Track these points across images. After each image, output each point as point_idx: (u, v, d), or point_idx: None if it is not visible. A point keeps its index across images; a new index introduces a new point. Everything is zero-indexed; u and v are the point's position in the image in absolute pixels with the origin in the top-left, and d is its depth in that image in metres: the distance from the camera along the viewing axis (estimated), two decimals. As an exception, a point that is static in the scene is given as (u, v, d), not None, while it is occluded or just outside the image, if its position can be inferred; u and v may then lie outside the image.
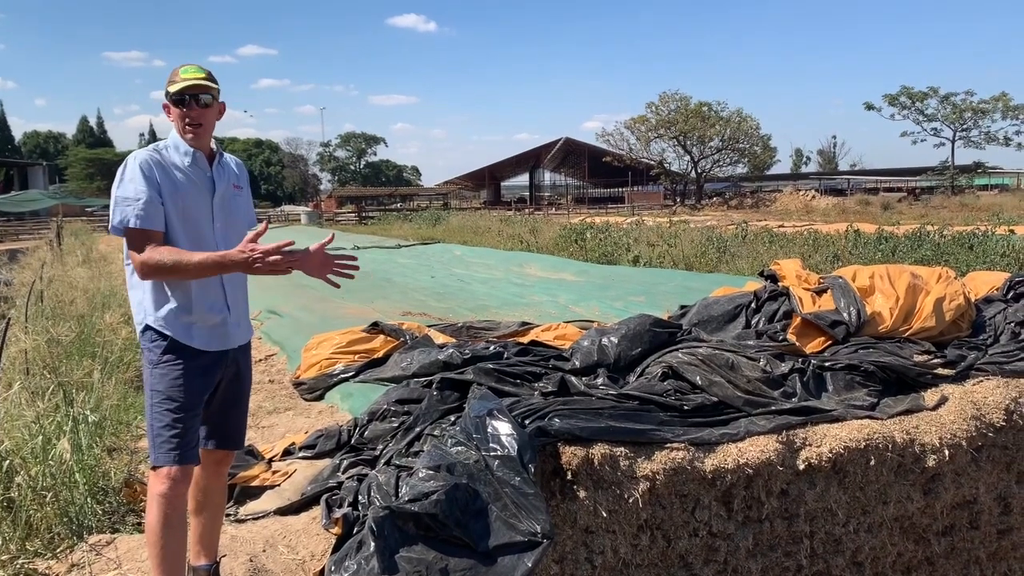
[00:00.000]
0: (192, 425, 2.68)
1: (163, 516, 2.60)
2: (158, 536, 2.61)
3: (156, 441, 2.63)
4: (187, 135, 2.72)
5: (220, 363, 2.79)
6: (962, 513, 4.08)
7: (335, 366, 5.46)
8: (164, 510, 2.60)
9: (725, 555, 3.50)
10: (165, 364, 2.66)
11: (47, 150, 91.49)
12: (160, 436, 2.62)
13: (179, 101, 2.69)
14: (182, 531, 2.68)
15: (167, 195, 2.64)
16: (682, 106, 63.94)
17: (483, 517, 2.86)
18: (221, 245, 2.74)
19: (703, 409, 3.65)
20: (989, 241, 14.10)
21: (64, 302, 8.64)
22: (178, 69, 2.71)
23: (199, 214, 2.73)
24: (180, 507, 2.65)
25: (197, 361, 2.70)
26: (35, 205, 47.51)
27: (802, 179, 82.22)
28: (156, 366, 2.67)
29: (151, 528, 2.62)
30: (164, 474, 2.61)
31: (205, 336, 2.72)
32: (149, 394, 2.68)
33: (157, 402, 2.65)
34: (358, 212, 49.61)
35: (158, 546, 2.61)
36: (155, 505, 2.61)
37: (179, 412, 2.64)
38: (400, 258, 17.44)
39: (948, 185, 58.87)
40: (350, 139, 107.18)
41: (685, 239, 17.36)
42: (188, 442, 2.66)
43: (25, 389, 4.58)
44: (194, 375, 2.68)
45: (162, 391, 2.65)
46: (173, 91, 2.68)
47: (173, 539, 2.63)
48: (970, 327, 4.79)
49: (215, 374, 2.78)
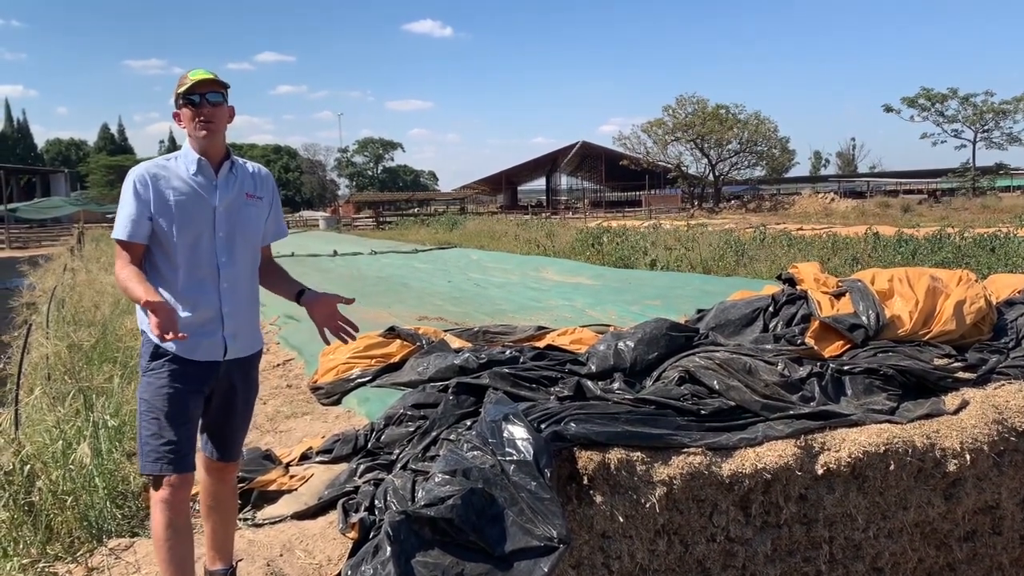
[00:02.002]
0: (183, 434, 2.64)
1: (166, 521, 2.61)
2: (163, 540, 2.62)
3: (144, 449, 2.63)
4: (199, 133, 2.70)
5: (210, 374, 2.73)
6: (984, 518, 4.02)
7: (352, 371, 5.48)
8: (167, 515, 2.61)
9: (743, 560, 3.48)
10: (151, 372, 2.66)
11: (69, 157, 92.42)
12: (147, 444, 2.61)
13: (190, 101, 2.69)
14: (187, 535, 2.68)
15: (158, 210, 2.66)
16: (699, 109, 63.68)
17: (499, 522, 2.85)
18: (222, 255, 2.73)
19: (720, 413, 3.63)
20: (1011, 243, 13.92)
21: (86, 308, 8.73)
22: (186, 74, 2.73)
23: (199, 223, 2.70)
24: (183, 511, 2.65)
25: (182, 370, 2.66)
26: (57, 212, 48.06)
27: (821, 182, 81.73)
28: (144, 373, 2.69)
29: (156, 533, 2.64)
30: (157, 482, 2.62)
31: (188, 344, 2.64)
32: (138, 402, 2.70)
33: (144, 410, 2.65)
34: (376, 217, 49.77)
35: (164, 550, 2.63)
36: (157, 510, 2.62)
37: (164, 421, 2.61)
38: (417, 263, 17.49)
39: (969, 187, 58.27)
40: (367, 145, 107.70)
41: (703, 242, 17.29)
42: (177, 450, 2.61)
43: (46, 394, 4.62)
44: (177, 384, 2.64)
45: (148, 399, 2.64)
46: (183, 91, 2.68)
47: (178, 543, 2.63)
48: (991, 330, 4.74)
49: (203, 384, 2.73)
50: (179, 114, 2.74)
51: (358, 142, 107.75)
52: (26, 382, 5.01)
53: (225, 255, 2.74)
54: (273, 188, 2.97)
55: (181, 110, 2.72)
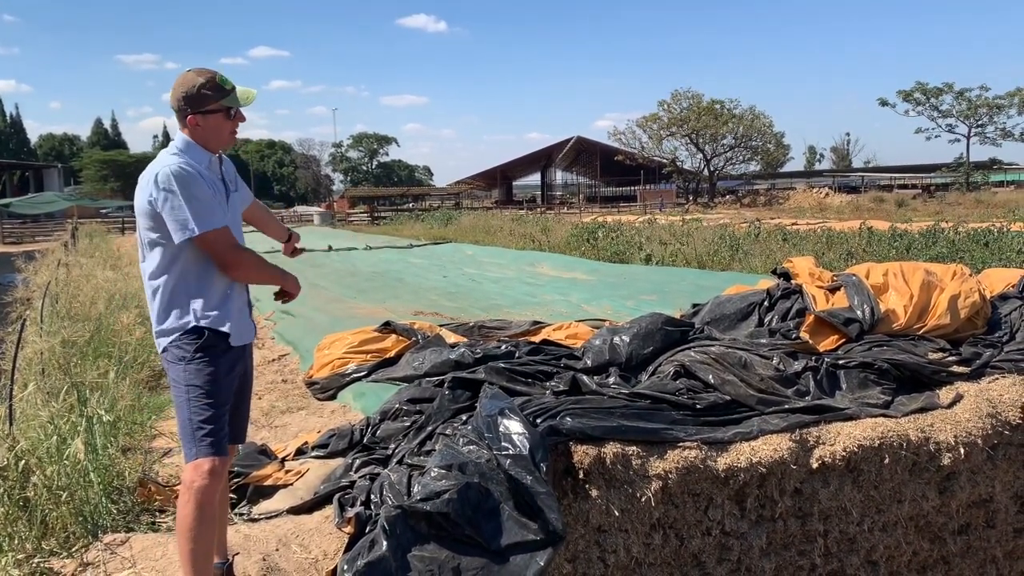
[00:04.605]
0: (226, 417, 2.75)
1: (199, 511, 2.60)
2: (193, 532, 2.60)
3: (197, 435, 2.66)
4: (228, 144, 2.85)
5: (243, 357, 2.89)
6: (978, 512, 4.04)
7: (347, 366, 5.47)
8: (201, 504, 2.61)
9: (738, 554, 3.49)
10: (199, 360, 2.70)
11: (62, 152, 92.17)
12: (201, 429, 2.66)
13: (234, 113, 2.80)
14: (213, 526, 2.70)
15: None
16: (694, 104, 63.76)
17: (495, 516, 2.86)
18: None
19: (716, 408, 3.64)
20: (1005, 238, 13.98)
21: (80, 303, 8.70)
22: (215, 78, 2.73)
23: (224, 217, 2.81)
24: (214, 503, 2.67)
25: (228, 355, 2.77)
26: (50, 207, 47.83)
27: (815, 176, 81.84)
28: (190, 362, 2.70)
29: (185, 524, 2.61)
30: (204, 468, 2.63)
31: (237, 331, 2.80)
32: (185, 390, 2.70)
33: (195, 396, 2.68)
34: (370, 212, 49.68)
35: (193, 542, 2.61)
36: (192, 500, 2.61)
37: (216, 406, 2.70)
38: (412, 258, 17.47)
39: (963, 181, 58.39)
40: (362, 140, 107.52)
41: (698, 237, 17.30)
42: (224, 435, 2.72)
43: (40, 390, 4.61)
44: (225, 369, 2.75)
45: (199, 386, 2.69)
46: (240, 104, 2.79)
47: (207, 534, 2.65)
48: (985, 324, 4.75)
49: (240, 368, 2.87)
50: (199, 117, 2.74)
51: (353, 137, 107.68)
52: (20, 378, 4.99)
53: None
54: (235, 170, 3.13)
55: (213, 116, 2.74)
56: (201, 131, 2.75)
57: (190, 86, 2.71)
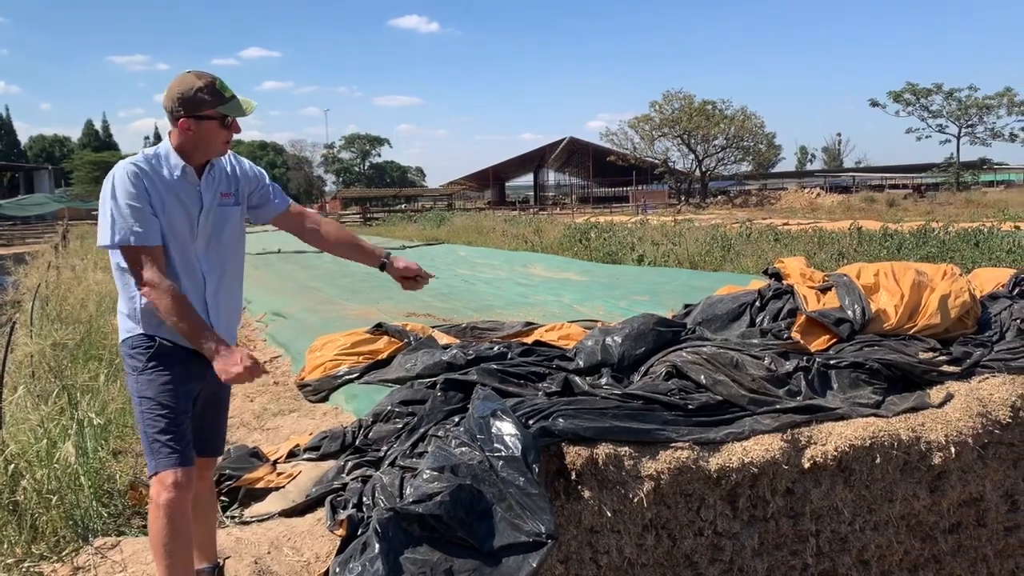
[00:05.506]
0: (186, 427, 2.64)
1: (170, 524, 2.52)
2: (165, 546, 2.54)
3: (153, 448, 2.58)
4: (219, 153, 2.72)
5: (205, 367, 2.70)
6: (969, 511, 4.06)
7: (340, 368, 5.46)
8: (171, 517, 2.53)
9: (731, 554, 3.50)
10: (151, 370, 2.61)
11: (52, 154, 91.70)
12: (157, 442, 2.57)
13: (230, 122, 2.67)
14: (188, 538, 2.62)
15: (156, 208, 2.58)
16: (686, 104, 63.92)
17: (487, 518, 2.85)
18: (203, 264, 2.72)
19: (707, 408, 3.64)
20: (995, 237, 14.06)
21: (71, 305, 8.67)
22: (215, 83, 2.62)
23: (183, 230, 2.66)
24: (186, 514, 2.59)
25: (182, 365, 2.66)
26: (41, 209, 47.64)
27: (807, 177, 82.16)
28: (142, 372, 2.62)
29: (157, 539, 2.55)
30: (168, 481, 2.53)
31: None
32: (138, 401, 2.63)
33: (147, 408, 2.60)
34: (363, 213, 49.62)
35: (170, 556, 2.54)
36: (161, 514, 2.53)
37: (172, 416, 2.59)
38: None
39: (953, 182, 58.69)
40: (354, 141, 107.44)
41: (690, 238, 17.34)
42: (186, 444, 2.61)
43: (30, 393, 4.59)
44: (180, 378, 2.64)
45: (152, 397, 2.60)
46: (238, 114, 2.66)
47: (181, 547, 2.57)
48: (976, 324, 4.77)
49: (199, 378, 2.73)
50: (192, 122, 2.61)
51: (345, 138, 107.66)
52: (10, 380, 4.97)
53: (206, 265, 2.72)
54: (254, 175, 2.93)
55: (207, 122, 2.62)
56: (192, 136, 2.62)
57: (187, 88, 2.58)
